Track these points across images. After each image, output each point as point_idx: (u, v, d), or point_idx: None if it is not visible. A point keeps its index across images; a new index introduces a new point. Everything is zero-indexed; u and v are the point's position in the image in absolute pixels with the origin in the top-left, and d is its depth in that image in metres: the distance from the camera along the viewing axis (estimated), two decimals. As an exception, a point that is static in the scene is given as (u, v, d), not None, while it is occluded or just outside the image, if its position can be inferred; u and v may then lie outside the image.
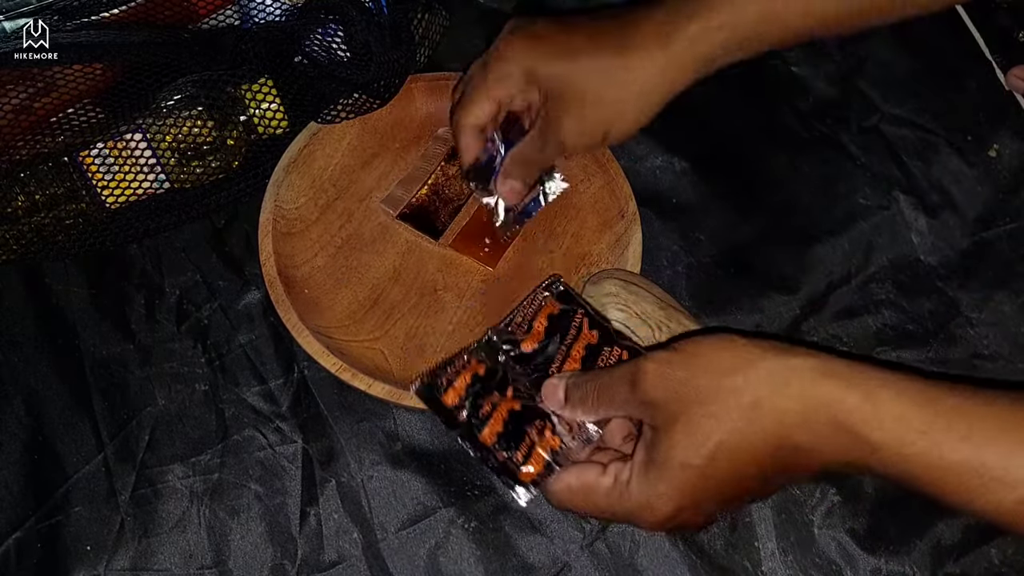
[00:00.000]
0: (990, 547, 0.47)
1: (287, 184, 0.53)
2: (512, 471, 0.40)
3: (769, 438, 0.35)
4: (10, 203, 0.49)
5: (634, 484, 0.37)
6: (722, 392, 0.35)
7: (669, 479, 0.36)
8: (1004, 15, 0.64)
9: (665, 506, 0.37)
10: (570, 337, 0.44)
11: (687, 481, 0.36)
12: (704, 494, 0.37)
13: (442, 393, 0.42)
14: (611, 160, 0.54)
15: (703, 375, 0.36)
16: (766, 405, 0.35)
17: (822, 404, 0.34)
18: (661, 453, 0.36)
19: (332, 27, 0.53)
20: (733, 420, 0.35)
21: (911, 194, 0.58)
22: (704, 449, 0.35)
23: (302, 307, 0.49)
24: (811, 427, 0.34)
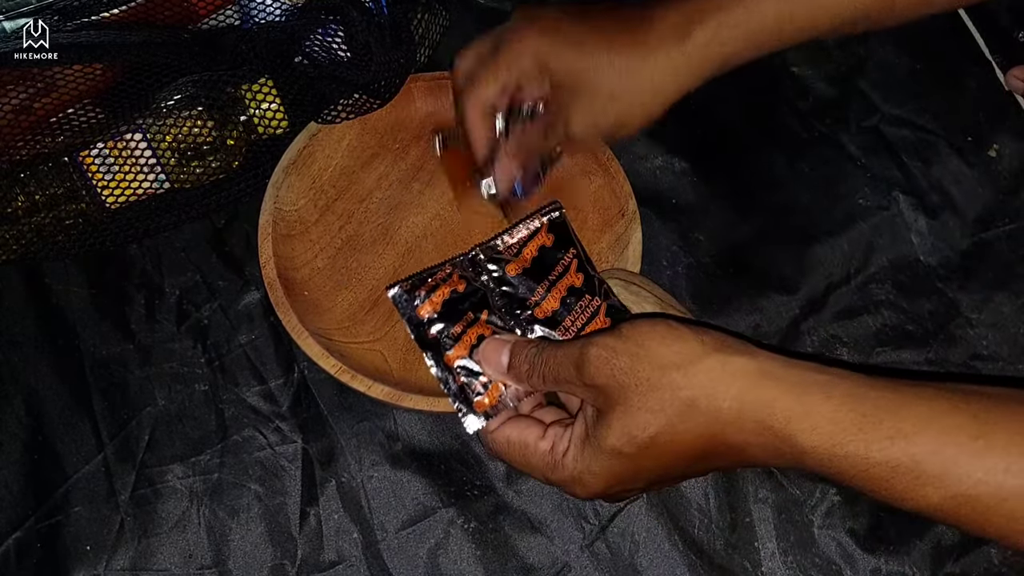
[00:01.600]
0: (990, 547, 0.47)
1: (287, 185, 0.53)
2: (468, 398, 0.41)
3: (702, 435, 0.36)
4: (10, 203, 0.49)
5: (568, 457, 0.39)
6: (661, 386, 0.36)
7: (601, 461, 0.38)
8: (1004, 15, 0.64)
9: (595, 484, 0.39)
10: (555, 274, 0.44)
11: (618, 465, 0.38)
12: (633, 477, 0.39)
13: (419, 305, 0.42)
14: (612, 159, 0.54)
15: (645, 366, 0.37)
16: (702, 404, 0.36)
17: (756, 407, 0.35)
18: (597, 435, 0.38)
19: (332, 27, 0.53)
20: (668, 415, 0.36)
21: (911, 194, 0.58)
22: (638, 440, 0.37)
23: (302, 309, 0.49)
24: (743, 428, 0.35)
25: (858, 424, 0.34)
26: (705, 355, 0.37)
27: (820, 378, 0.35)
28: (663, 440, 0.37)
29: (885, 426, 0.34)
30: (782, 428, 0.35)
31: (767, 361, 0.36)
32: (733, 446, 0.36)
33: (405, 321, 0.43)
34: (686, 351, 0.37)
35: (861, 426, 0.34)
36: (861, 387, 0.35)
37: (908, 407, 0.34)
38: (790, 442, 0.35)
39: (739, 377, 0.36)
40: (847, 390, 0.35)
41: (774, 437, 0.35)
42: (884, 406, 0.34)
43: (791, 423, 0.35)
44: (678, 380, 0.36)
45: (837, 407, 0.34)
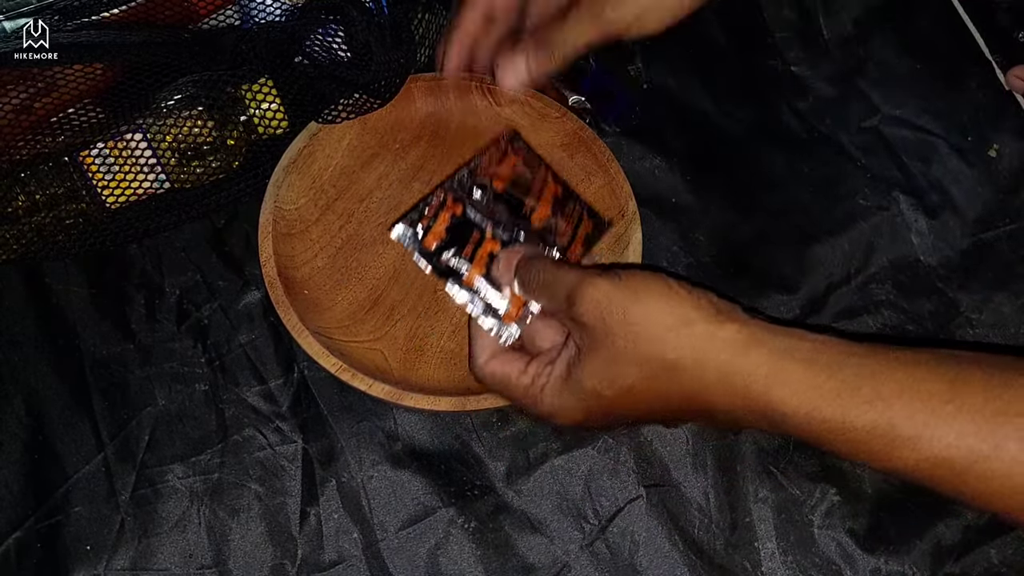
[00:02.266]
0: (990, 547, 0.47)
1: (287, 184, 0.53)
2: (497, 313, 0.43)
3: (682, 393, 0.38)
4: (10, 203, 0.49)
5: (547, 392, 0.41)
6: (650, 341, 0.37)
7: (579, 399, 0.40)
8: (1004, 15, 0.64)
9: (570, 418, 0.41)
10: (537, 186, 0.47)
11: (595, 406, 0.39)
12: (609, 417, 0.40)
13: (424, 237, 0.44)
14: (611, 159, 0.54)
15: (637, 319, 0.38)
16: (687, 366, 0.37)
17: (740, 374, 0.36)
18: (578, 374, 0.39)
19: (332, 27, 0.53)
20: (652, 370, 0.37)
21: (911, 194, 0.58)
22: (617, 386, 0.38)
23: (302, 308, 0.49)
24: (726, 392, 0.37)
25: (837, 390, 0.35)
26: (697, 320, 0.37)
27: (804, 345, 0.37)
28: (641, 389, 0.38)
29: (864, 392, 0.35)
30: (763, 393, 0.36)
31: (756, 329, 0.37)
32: (712, 406, 0.38)
33: (416, 256, 0.44)
34: (679, 313, 0.38)
35: (840, 392, 0.35)
36: (842, 354, 0.36)
37: (886, 373, 0.35)
38: (771, 407, 0.36)
39: (728, 345, 0.37)
40: (830, 358, 0.36)
41: (755, 402, 0.36)
42: (864, 373, 0.35)
43: (772, 390, 0.36)
44: (667, 339, 0.37)
45: (817, 373, 0.36)
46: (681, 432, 0.50)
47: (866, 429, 0.35)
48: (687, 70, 0.62)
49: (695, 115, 0.61)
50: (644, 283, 0.39)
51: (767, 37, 0.64)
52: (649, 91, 0.61)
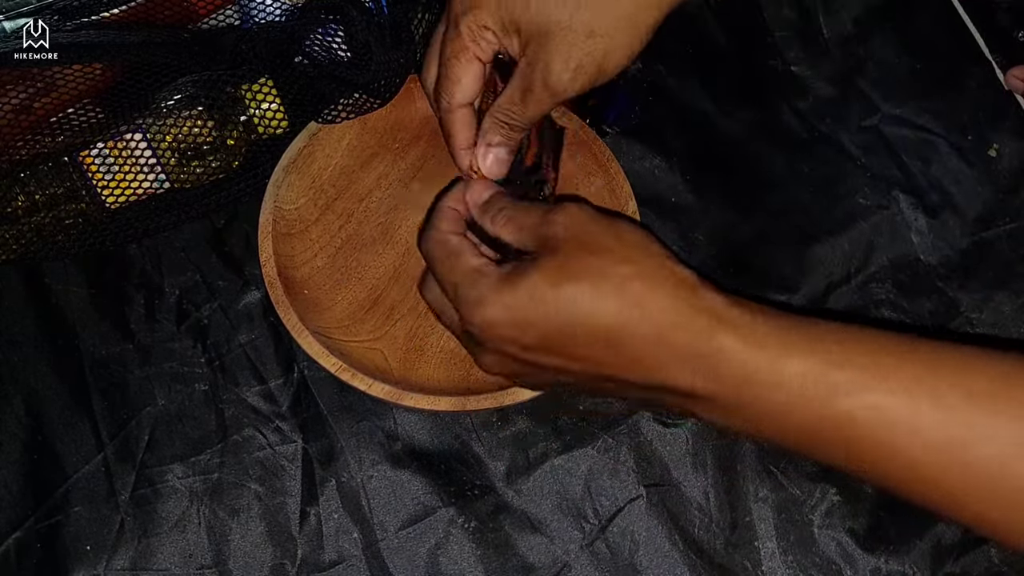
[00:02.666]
0: (990, 547, 0.47)
1: (287, 184, 0.53)
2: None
3: (620, 319, 0.36)
4: (10, 203, 0.49)
5: (486, 280, 0.38)
6: (613, 285, 0.36)
7: (513, 295, 0.37)
8: (1004, 15, 0.64)
9: (492, 312, 0.37)
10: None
11: (527, 308, 0.36)
12: (526, 333, 0.37)
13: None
14: (611, 159, 0.54)
15: (609, 238, 0.37)
16: (638, 292, 0.36)
17: (692, 304, 0.36)
18: (526, 271, 0.37)
19: (332, 27, 0.53)
20: (607, 310, 0.36)
21: (911, 194, 0.58)
22: (560, 300, 0.36)
23: (302, 308, 0.49)
24: (670, 321, 0.35)
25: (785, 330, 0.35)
26: (665, 258, 0.37)
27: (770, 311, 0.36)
28: (582, 307, 0.36)
29: (803, 338, 0.34)
30: (706, 330, 0.35)
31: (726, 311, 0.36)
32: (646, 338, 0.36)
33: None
34: (654, 250, 0.37)
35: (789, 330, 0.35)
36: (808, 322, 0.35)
37: (834, 331, 0.35)
38: (712, 347, 0.35)
39: (686, 283, 0.36)
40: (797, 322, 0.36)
41: (697, 339, 0.35)
42: (814, 331, 0.35)
43: (718, 332, 0.35)
44: (633, 258, 0.36)
45: (776, 324, 0.35)
46: (681, 432, 0.50)
47: (799, 373, 0.33)
48: (687, 70, 0.62)
49: (695, 115, 0.61)
50: (629, 232, 0.38)
51: (767, 37, 0.64)
52: (649, 91, 0.61)
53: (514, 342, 0.38)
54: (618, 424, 0.50)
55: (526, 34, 0.42)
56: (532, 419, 0.50)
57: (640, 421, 0.50)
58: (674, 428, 0.50)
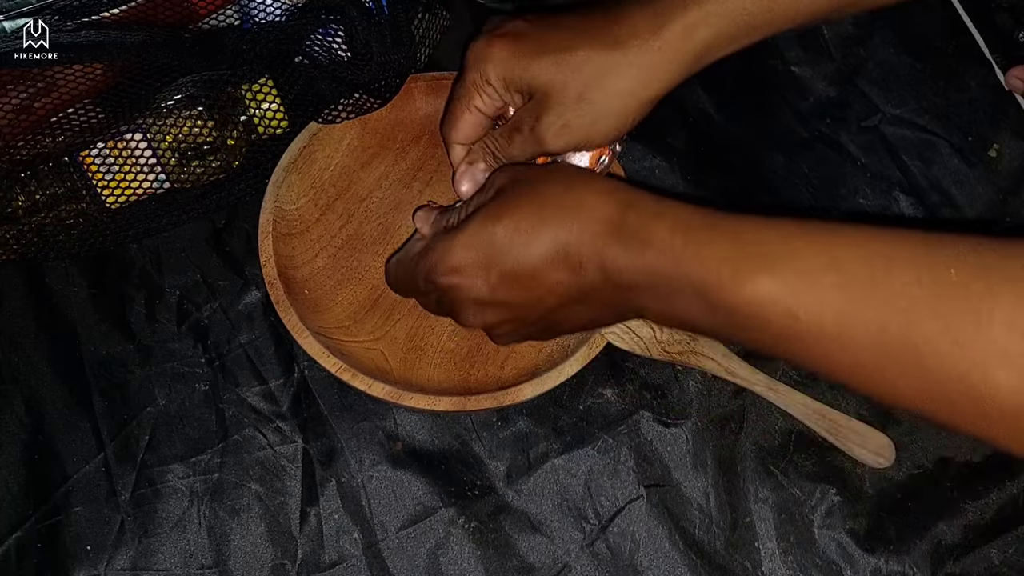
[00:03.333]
0: (990, 547, 0.47)
1: (287, 185, 0.53)
2: None
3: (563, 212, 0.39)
4: (10, 203, 0.49)
5: (435, 241, 0.42)
6: (551, 202, 0.39)
7: (465, 237, 0.40)
8: (1004, 15, 0.64)
9: (452, 258, 0.40)
10: None
11: (481, 246, 0.40)
12: (493, 269, 0.40)
13: None
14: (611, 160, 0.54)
15: (546, 184, 0.40)
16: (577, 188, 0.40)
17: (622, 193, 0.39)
18: (472, 216, 0.41)
19: (332, 27, 0.53)
20: (549, 223, 0.39)
21: (911, 194, 0.58)
22: (507, 229, 0.39)
23: (302, 308, 0.49)
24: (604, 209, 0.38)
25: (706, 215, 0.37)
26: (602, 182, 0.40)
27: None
28: (526, 224, 0.39)
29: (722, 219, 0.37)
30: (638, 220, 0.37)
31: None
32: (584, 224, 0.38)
33: None
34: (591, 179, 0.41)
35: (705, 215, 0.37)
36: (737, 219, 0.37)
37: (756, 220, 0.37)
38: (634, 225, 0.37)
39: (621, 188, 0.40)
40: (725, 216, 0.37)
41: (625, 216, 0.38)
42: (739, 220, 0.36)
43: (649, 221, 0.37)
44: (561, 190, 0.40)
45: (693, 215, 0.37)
46: (681, 432, 0.50)
47: (717, 249, 0.35)
48: (687, 70, 0.62)
49: (695, 115, 0.61)
50: (562, 163, 0.43)
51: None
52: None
53: (481, 284, 0.40)
54: (618, 424, 0.50)
55: (527, 91, 0.45)
56: (532, 419, 0.50)
57: (640, 421, 0.50)
58: (674, 428, 0.50)
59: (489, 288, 0.40)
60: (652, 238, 0.37)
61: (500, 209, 0.40)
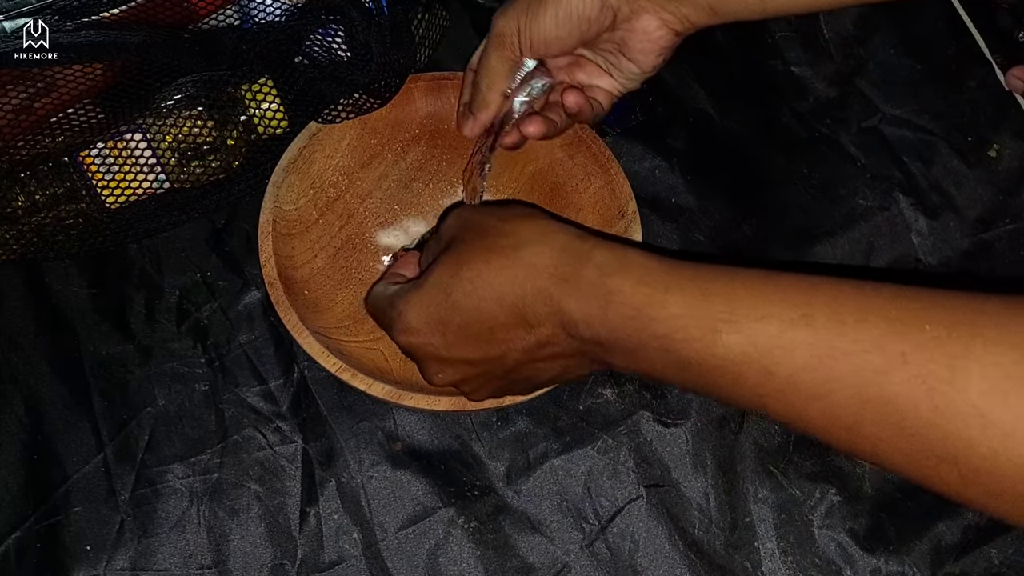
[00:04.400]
0: (990, 547, 0.47)
1: (287, 185, 0.53)
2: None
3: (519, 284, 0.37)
4: (10, 203, 0.49)
5: (399, 294, 0.41)
6: (503, 257, 0.38)
7: (420, 294, 0.40)
8: (1004, 15, 0.64)
9: (409, 317, 0.40)
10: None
11: (436, 303, 0.39)
12: (449, 328, 0.39)
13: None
14: (611, 160, 0.54)
15: (493, 220, 0.40)
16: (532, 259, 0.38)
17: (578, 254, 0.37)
18: (429, 271, 0.40)
19: (332, 27, 0.53)
20: (503, 281, 0.38)
21: (911, 195, 0.58)
22: (461, 285, 0.38)
23: (302, 308, 0.49)
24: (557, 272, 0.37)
25: (667, 271, 0.35)
26: (551, 222, 0.39)
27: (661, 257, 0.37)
28: (481, 286, 0.38)
29: (689, 273, 0.35)
30: (597, 277, 0.36)
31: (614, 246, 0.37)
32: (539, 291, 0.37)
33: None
34: (541, 222, 0.39)
35: (668, 272, 0.35)
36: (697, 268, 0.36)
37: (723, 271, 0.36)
38: (604, 287, 0.36)
39: (574, 237, 0.38)
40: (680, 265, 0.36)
41: (587, 283, 0.36)
42: (703, 270, 0.36)
43: (609, 275, 0.36)
44: (518, 229, 0.39)
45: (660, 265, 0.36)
46: (681, 432, 0.50)
47: (680, 304, 0.34)
48: (687, 70, 0.62)
49: (695, 115, 0.61)
50: (515, 204, 0.42)
51: (767, 37, 0.64)
52: (649, 92, 0.61)
53: (439, 343, 0.40)
54: (618, 424, 0.50)
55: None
56: (532, 419, 0.50)
57: (640, 421, 0.50)
58: (674, 428, 0.50)
59: (446, 346, 0.40)
60: (613, 294, 0.35)
61: (450, 263, 0.39)
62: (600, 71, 0.51)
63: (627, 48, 0.48)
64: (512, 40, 0.47)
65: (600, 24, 0.46)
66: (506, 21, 0.47)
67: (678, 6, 0.46)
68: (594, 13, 0.46)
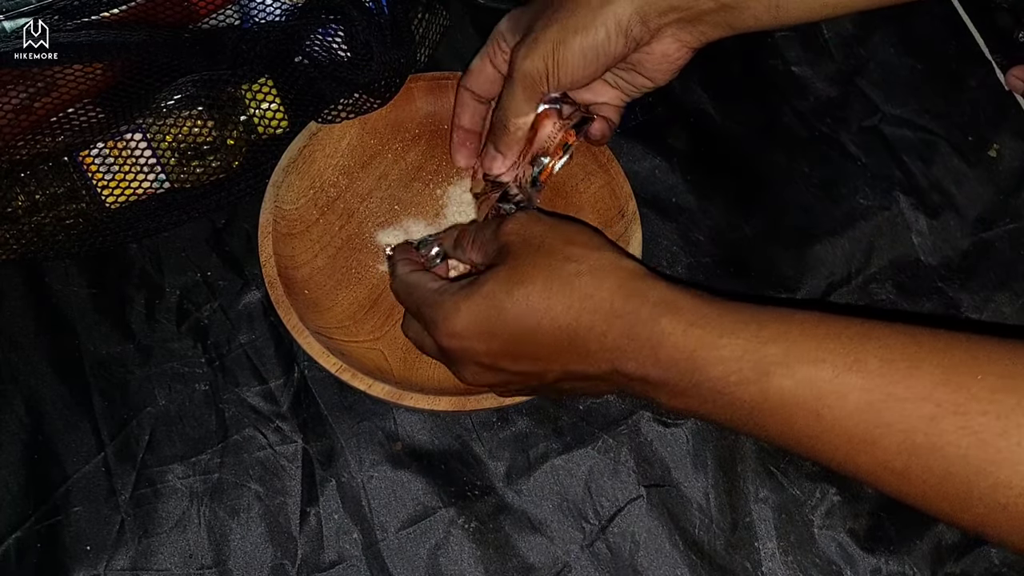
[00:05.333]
0: (990, 547, 0.47)
1: (287, 185, 0.53)
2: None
3: (575, 312, 0.38)
4: (10, 203, 0.49)
5: (446, 297, 0.41)
6: (561, 282, 0.38)
7: (471, 304, 0.39)
8: (1004, 15, 0.64)
9: (456, 324, 0.40)
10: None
11: (486, 316, 0.39)
12: (495, 340, 0.39)
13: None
14: (611, 160, 0.54)
15: (559, 256, 0.39)
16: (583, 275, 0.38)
17: (633, 292, 0.38)
18: (482, 281, 0.40)
19: (332, 27, 0.53)
20: (553, 280, 0.38)
21: (911, 194, 0.58)
22: (515, 303, 0.38)
23: (302, 308, 0.49)
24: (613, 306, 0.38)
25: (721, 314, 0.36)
26: (607, 247, 0.40)
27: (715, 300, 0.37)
28: (536, 308, 0.38)
29: (745, 317, 0.36)
30: (649, 319, 0.37)
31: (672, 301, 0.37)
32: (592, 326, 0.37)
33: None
34: (597, 242, 0.40)
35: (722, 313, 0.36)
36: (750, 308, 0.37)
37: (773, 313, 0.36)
38: (654, 331, 0.36)
39: (631, 273, 0.38)
40: (736, 306, 0.37)
41: (639, 326, 0.37)
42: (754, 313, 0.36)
43: (660, 315, 0.36)
44: (575, 254, 0.39)
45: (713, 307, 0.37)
46: (681, 432, 0.50)
47: (733, 347, 0.35)
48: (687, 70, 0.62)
49: (695, 115, 0.61)
50: (577, 224, 0.41)
51: (767, 37, 0.64)
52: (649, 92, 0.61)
53: (483, 351, 0.40)
54: (618, 424, 0.50)
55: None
56: (532, 419, 0.50)
57: (640, 421, 0.50)
58: (674, 428, 0.50)
59: (489, 355, 0.40)
60: (666, 334, 0.36)
61: (508, 278, 0.39)
62: (607, 86, 0.52)
63: (643, 67, 0.48)
64: (540, 81, 0.47)
65: (624, 55, 0.46)
66: (532, 63, 0.46)
67: (696, 26, 0.46)
68: (619, 49, 0.46)
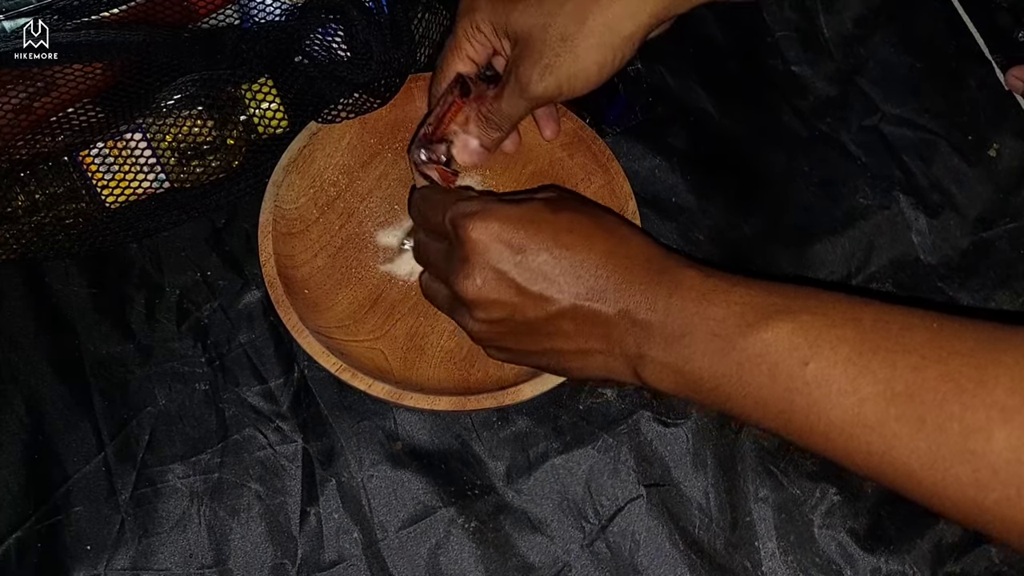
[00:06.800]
0: (990, 547, 0.47)
1: (287, 184, 0.53)
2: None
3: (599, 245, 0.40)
4: (10, 203, 0.49)
5: (488, 199, 0.42)
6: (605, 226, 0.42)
7: (512, 208, 0.41)
8: (1004, 15, 0.64)
9: (498, 210, 0.40)
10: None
11: (527, 218, 0.40)
12: (532, 242, 0.40)
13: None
14: (611, 159, 0.54)
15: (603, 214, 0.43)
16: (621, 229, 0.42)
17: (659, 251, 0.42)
18: (528, 198, 0.43)
19: (332, 27, 0.53)
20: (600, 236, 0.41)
21: (911, 194, 0.58)
22: (560, 219, 0.40)
23: (302, 307, 0.49)
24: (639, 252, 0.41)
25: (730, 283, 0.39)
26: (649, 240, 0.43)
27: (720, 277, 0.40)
28: (581, 229, 0.40)
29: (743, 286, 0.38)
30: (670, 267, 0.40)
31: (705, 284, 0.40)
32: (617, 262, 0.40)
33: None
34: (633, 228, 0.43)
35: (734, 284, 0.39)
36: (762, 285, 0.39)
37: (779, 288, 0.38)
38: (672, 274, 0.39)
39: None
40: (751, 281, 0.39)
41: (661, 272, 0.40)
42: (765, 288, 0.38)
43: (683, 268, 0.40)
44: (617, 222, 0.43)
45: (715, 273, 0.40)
46: (681, 432, 0.50)
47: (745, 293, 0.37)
48: (687, 70, 0.62)
49: (695, 115, 0.61)
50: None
51: (767, 37, 0.64)
52: (649, 91, 0.61)
53: (515, 244, 0.40)
54: (618, 424, 0.50)
55: (513, 37, 0.46)
56: (532, 419, 0.50)
57: (640, 420, 0.50)
58: (674, 427, 0.50)
59: (515, 255, 0.39)
60: (684, 278, 0.39)
61: (560, 208, 0.41)
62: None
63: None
64: (550, 100, 0.47)
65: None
66: (546, 90, 0.45)
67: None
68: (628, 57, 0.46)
